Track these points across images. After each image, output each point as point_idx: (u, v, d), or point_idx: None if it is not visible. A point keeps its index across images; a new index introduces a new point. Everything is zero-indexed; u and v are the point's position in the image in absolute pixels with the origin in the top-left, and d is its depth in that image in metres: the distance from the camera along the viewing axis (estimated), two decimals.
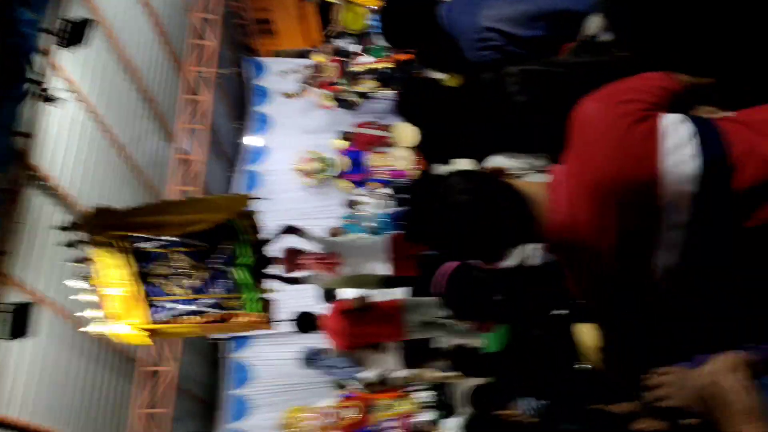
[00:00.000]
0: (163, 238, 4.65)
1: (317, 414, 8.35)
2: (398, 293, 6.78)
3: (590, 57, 1.80)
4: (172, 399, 8.73)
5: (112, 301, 4.76)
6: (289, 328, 5.96)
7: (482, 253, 1.49)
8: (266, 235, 4.99)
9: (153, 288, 4.79)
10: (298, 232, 5.25)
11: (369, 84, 10.13)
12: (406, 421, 8.09)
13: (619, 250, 1.31)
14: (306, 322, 5.71)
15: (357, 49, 10.55)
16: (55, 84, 6.30)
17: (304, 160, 11.16)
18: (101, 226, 4.50)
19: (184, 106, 10.21)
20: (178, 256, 4.73)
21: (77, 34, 6.07)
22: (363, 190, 10.09)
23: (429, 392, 8.32)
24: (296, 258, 5.06)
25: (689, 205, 1.25)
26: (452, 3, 2.52)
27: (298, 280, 5.36)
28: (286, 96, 11.15)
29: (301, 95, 10.87)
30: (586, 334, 1.68)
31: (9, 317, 5.19)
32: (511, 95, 1.96)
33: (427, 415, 8.12)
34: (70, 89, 6.72)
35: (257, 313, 4.89)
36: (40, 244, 6.38)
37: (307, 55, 12.23)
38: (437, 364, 7.02)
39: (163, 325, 4.87)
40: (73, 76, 6.92)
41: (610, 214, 1.29)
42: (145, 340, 4.95)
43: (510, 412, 3.35)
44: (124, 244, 4.59)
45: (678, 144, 1.24)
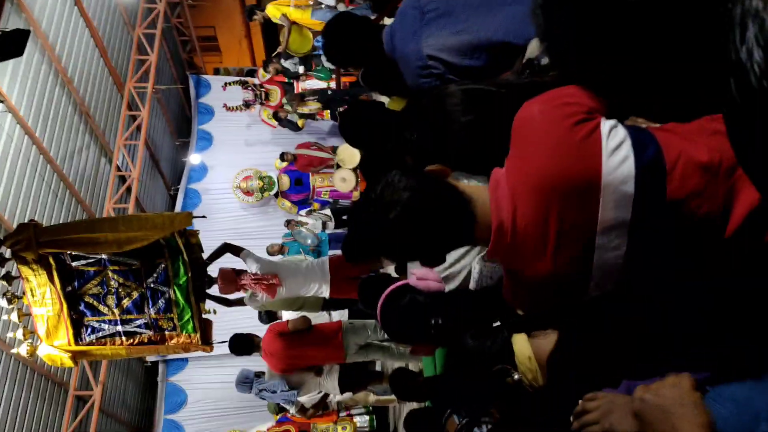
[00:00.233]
0: (94, 256, 4.49)
1: None
2: (337, 315, 6.76)
3: (531, 78, 1.85)
4: (96, 425, 8.35)
5: (39, 321, 4.56)
6: (226, 350, 5.84)
7: (421, 252, 1.43)
8: (204, 255, 4.89)
9: (82, 308, 4.61)
10: (235, 251, 5.17)
11: (312, 105, 10.12)
12: None
13: (557, 252, 1.31)
14: (240, 344, 5.59)
15: (302, 71, 10.57)
16: None
17: (244, 177, 11.04)
18: (28, 243, 4.30)
19: (125, 122, 9.97)
20: (111, 275, 4.58)
21: (13, 45, 5.87)
22: (303, 212, 10.04)
23: (367, 416, 8.26)
24: (233, 278, 4.97)
25: (628, 206, 1.27)
26: (395, 29, 2.56)
27: (235, 301, 5.26)
28: (227, 109, 11.01)
29: (243, 110, 10.75)
30: (521, 344, 1.70)
31: None
32: (454, 114, 1.99)
33: None
34: (0, 100, 6.48)
35: (192, 334, 4.76)
36: None
37: (251, 74, 12.18)
38: (376, 388, 6.98)
39: (89, 347, 4.67)
40: (3, 88, 6.68)
41: (551, 213, 1.29)
42: (69, 363, 4.74)
43: None
44: (51, 262, 4.40)
45: (617, 145, 1.27)
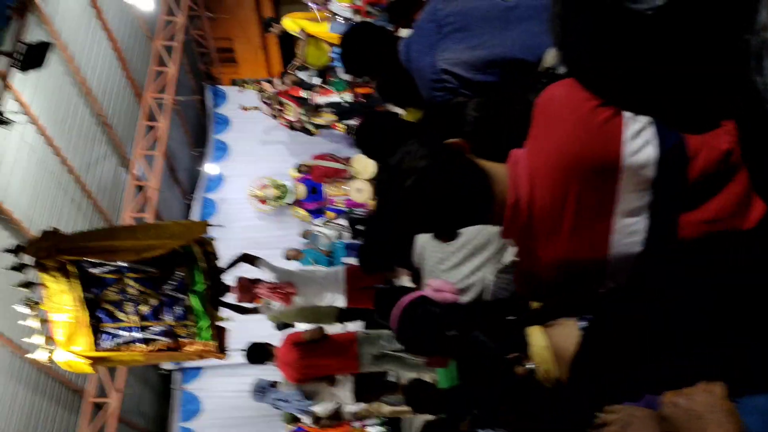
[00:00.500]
0: (113, 263, 4.54)
1: None
2: (351, 326, 6.77)
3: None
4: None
5: (58, 327, 4.61)
6: (242, 358, 5.88)
7: (435, 224, 1.40)
8: (221, 263, 4.93)
9: (101, 315, 4.66)
10: (252, 260, 5.21)
11: (327, 117, 10.20)
12: None
13: (573, 234, 1.30)
14: (255, 353, 5.63)
15: (318, 82, 10.64)
16: (8, 106, 6.18)
17: (260, 186, 11.12)
18: (49, 250, 4.37)
19: (143, 132, 10.10)
20: (129, 283, 4.63)
21: (35, 58, 5.99)
22: (319, 221, 10.09)
23: (382, 427, 8.24)
24: (249, 287, 5.01)
25: (648, 191, 1.26)
26: (412, 41, 2.58)
27: (251, 309, 5.30)
28: (244, 109, 11.08)
29: (259, 110, 10.77)
30: (535, 334, 1.68)
31: None
32: (467, 116, 2.01)
33: None
34: (22, 111, 6.59)
35: (209, 342, 4.79)
36: None
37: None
38: (390, 399, 6.97)
39: (108, 353, 4.72)
40: (25, 98, 6.80)
41: (569, 192, 1.28)
42: (86, 369, 4.79)
43: None
44: (72, 269, 4.46)
45: (640, 130, 1.27)
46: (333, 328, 6.23)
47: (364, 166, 9.83)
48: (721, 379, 1.18)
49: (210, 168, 11.86)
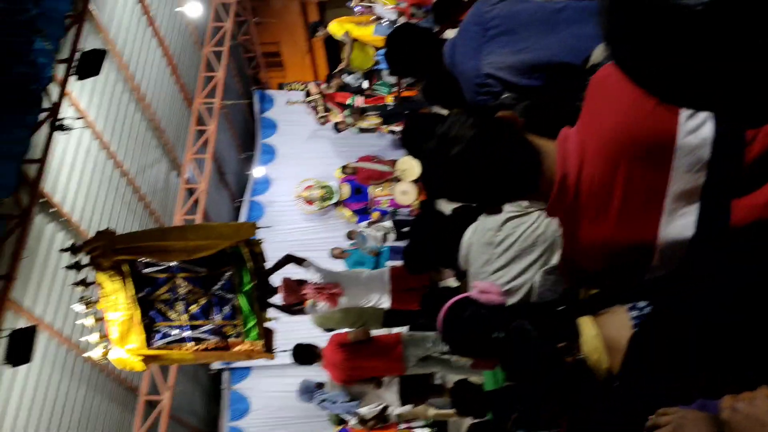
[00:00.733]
0: (165, 263, 4.66)
1: None
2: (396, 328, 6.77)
3: None
4: (165, 429, 8.62)
5: (112, 325, 4.76)
6: (289, 359, 5.95)
7: (479, 194, 1.38)
8: (267, 265, 5.01)
9: (153, 313, 4.79)
10: (298, 261, 5.28)
11: (372, 120, 10.25)
12: None
13: (622, 213, 1.26)
14: (302, 354, 5.68)
15: (363, 86, 10.70)
16: (66, 112, 6.40)
17: (306, 187, 11.25)
18: (104, 249, 4.51)
19: (193, 137, 10.34)
20: (179, 282, 4.74)
21: (91, 65, 6.20)
22: (364, 223, 10.13)
23: (427, 429, 8.21)
24: (296, 287, 5.07)
25: (702, 172, 1.22)
26: (457, 43, 2.56)
27: (297, 310, 5.36)
28: (290, 103, 11.20)
29: (304, 103, 10.85)
30: (586, 323, 1.63)
31: (10, 342, 5.20)
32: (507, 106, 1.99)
33: None
34: (80, 117, 6.82)
35: (256, 342, 4.87)
36: (43, 270, 6.41)
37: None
38: (436, 401, 6.95)
39: (159, 351, 4.85)
40: (82, 105, 7.04)
41: (619, 170, 1.24)
42: (139, 366, 4.92)
43: None
44: (126, 269, 4.60)
45: (695, 110, 1.21)
46: (379, 332, 6.26)
47: (410, 168, 9.83)
48: None
49: (257, 171, 12.05)
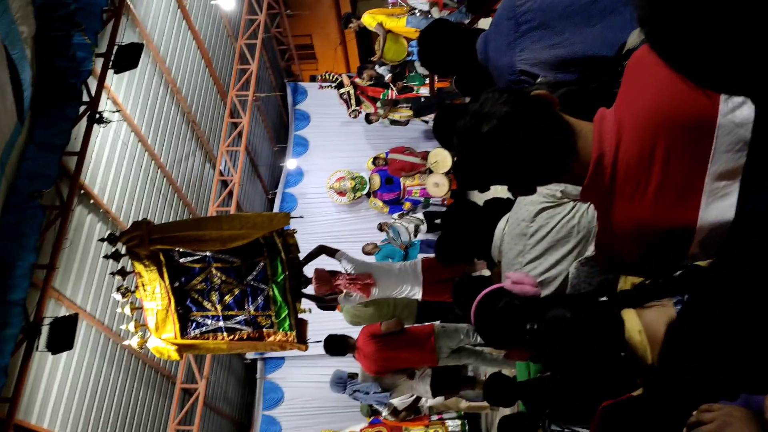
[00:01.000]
0: (199, 253, 4.72)
1: None
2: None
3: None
4: (200, 417, 8.79)
5: (150, 314, 4.85)
6: (321, 350, 5.98)
7: (511, 174, 1.35)
8: (300, 256, 5.04)
9: (188, 303, 4.86)
10: (330, 252, 5.30)
11: (404, 113, 10.22)
12: None
13: (660, 193, 1.23)
14: (334, 345, 5.70)
15: (396, 78, 10.67)
16: (104, 105, 6.53)
17: (337, 179, 11.31)
18: (141, 239, 4.59)
19: (227, 129, 10.46)
20: (214, 272, 4.80)
21: (128, 58, 6.30)
22: (395, 215, 10.14)
23: (459, 421, 8.21)
24: (328, 278, 5.10)
25: (743, 151, 1.18)
26: (489, 38, 2.50)
27: (329, 300, 5.38)
28: (321, 87, 11.18)
29: (333, 88, 10.82)
30: (630, 318, 1.58)
31: (52, 330, 5.34)
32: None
33: None
34: (117, 110, 6.95)
35: (289, 333, 4.91)
36: (83, 260, 6.57)
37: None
38: (468, 393, 6.93)
39: (194, 341, 4.92)
40: (119, 98, 7.17)
41: (657, 147, 1.21)
42: (175, 356, 5.01)
43: None
44: (162, 258, 4.67)
45: None
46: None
47: (442, 160, 9.79)
48: None
49: (290, 163, 12.14)
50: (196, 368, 8.99)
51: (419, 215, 9.68)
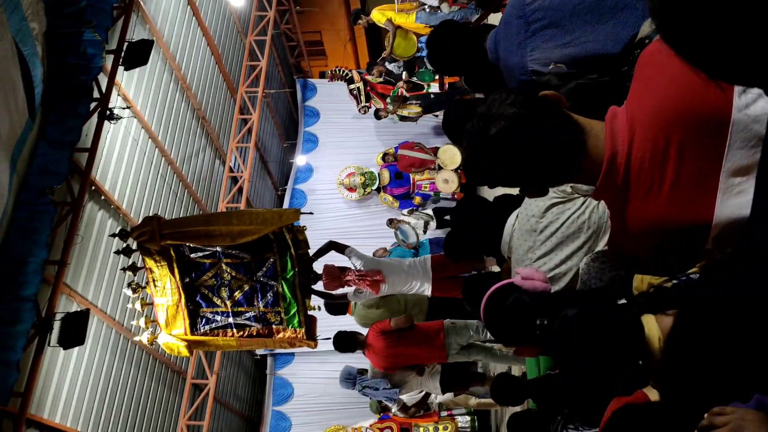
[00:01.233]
0: (210, 248, 4.72)
1: None
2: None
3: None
4: (211, 412, 8.84)
5: (159, 310, 4.86)
6: (331, 346, 5.99)
7: (520, 176, 1.34)
8: (311, 251, 5.03)
9: (198, 299, 4.87)
10: (340, 248, 5.29)
11: (413, 109, 10.20)
12: None
13: (674, 190, 1.22)
14: (343, 342, 5.70)
15: (405, 74, 10.65)
16: (114, 102, 6.55)
17: (347, 174, 11.32)
18: (152, 234, 4.60)
19: (237, 125, 10.48)
20: (224, 268, 4.80)
21: (139, 55, 6.32)
22: (405, 210, 10.12)
23: (468, 417, 8.20)
24: (337, 274, 5.09)
25: (758, 147, 1.16)
26: (499, 38, 2.47)
27: (339, 296, 5.38)
28: (330, 79, 11.14)
29: (343, 81, 10.78)
30: (649, 324, 1.55)
31: (63, 326, 5.37)
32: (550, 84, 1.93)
33: None
34: (127, 107, 6.98)
35: (298, 329, 4.91)
36: (94, 256, 6.61)
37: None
38: (478, 390, 6.92)
39: (204, 337, 4.93)
40: (130, 94, 7.19)
41: (671, 144, 1.20)
42: (184, 352, 5.02)
43: None
44: (172, 254, 4.68)
45: None
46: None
47: (451, 157, 9.77)
48: None
49: (300, 159, 12.16)
50: (206, 364, 9.03)
51: (428, 211, 9.66)
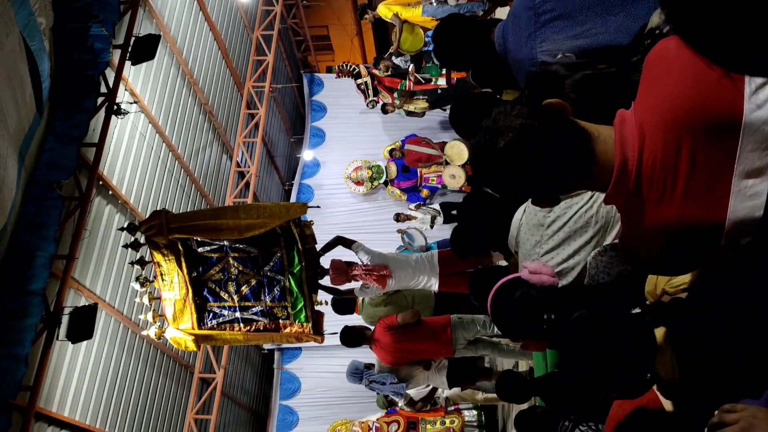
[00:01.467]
0: (217, 242, 4.72)
1: (364, 428, 8.33)
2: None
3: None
4: (218, 406, 8.87)
5: (167, 304, 4.87)
6: (338, 341, 5.99)
7: (530, 186, 1.34)
8: (318, 246, 5.02)
9: (205, 293, 4.87)
10: (347, 243, 5.29)
11: (420, 104, 10.16)
12: None
13: (687, 194, 1.21)
14: (350, 337, 5.70)
15: (412, 68, 10.61)
16: (122, 96, 6.56)
17: (354, 168, 11.31)
18: (159, 228, 4.60)
19: (244, 120, 10.48)
20: (231, 262, 4.80)
21: (146, 50, 6.32)
22: (412, 205, 10.10)
23: (475, 411, 8.20)
24: (344, 269, 5.09)
25: None
26: (508, 30, 2.44)
27: (346, 291, 5.38)
28: (337, 75, 11.11)
29: (350, 77, 10.74)
30: (659, 335, 1.53)
31: (72, 320, 5.40)
32: (559, 76, 1.92)
33: None
34: (135, 101, 6.99)
35: (305, 324, 4.90)
36: (102, 250, 6.63)
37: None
38: (484, 385, 6.92)
39: (211, 332, 4.93)
40: (137, 89, 7.20)
41: (682, 148, 1.19)
42: (192, 346, 5.03)
43: None
44: (180, 248, 4.68)
45: (762, 84, 1.15)
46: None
47: (458, 152, 9.73)
48: None
49: (307, 154, 12.15)
50: (213, 358, 9.06)
51: (435, 206, 9.63)
